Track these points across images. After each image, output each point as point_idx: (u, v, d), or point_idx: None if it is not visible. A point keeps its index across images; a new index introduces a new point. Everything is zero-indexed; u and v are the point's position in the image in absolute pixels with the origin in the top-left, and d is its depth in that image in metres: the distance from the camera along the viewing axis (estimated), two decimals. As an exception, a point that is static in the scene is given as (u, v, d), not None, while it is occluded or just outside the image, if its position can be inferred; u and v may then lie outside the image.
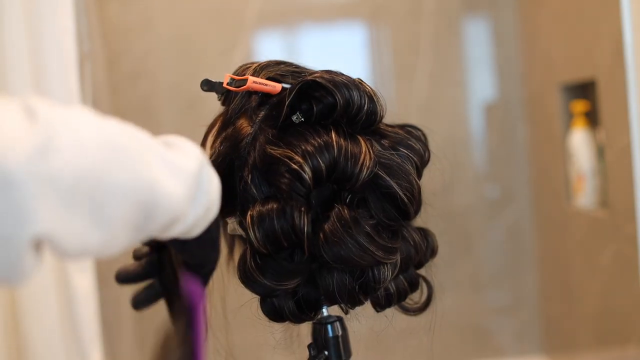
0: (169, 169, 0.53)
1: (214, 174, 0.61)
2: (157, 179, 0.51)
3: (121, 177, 0.48)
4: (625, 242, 1.52)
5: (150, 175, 0.50)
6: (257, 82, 0.75)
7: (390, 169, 0.75)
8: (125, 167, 0.48)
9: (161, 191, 0.51)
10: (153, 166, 0.51)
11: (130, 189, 0.48)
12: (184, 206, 0.54)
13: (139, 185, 0.49)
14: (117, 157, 0.48)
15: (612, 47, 1.51)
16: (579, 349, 1.91)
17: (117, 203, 0.48)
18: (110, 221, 0.47)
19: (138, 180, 0.49)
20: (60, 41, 1.48)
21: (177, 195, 0.53)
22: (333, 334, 0.80)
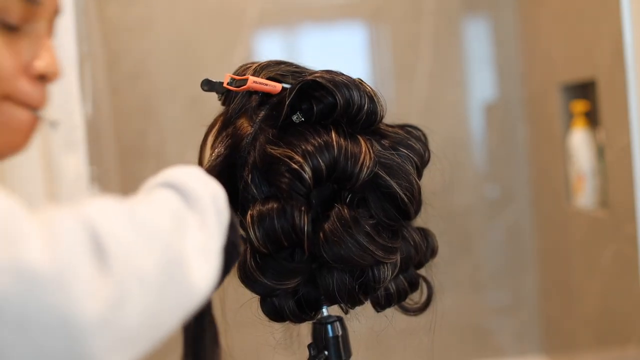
0: (204, 256, 0.51)
1: (220, 191, 0.59)
2: (194, 277, 0.49)
3: (173, 296, 0.47)
4: (625, 242, 1.52)
5: (191, 275, 0.49)
6: (257, 82, 0.75)
7: (391, 169, 0.75)
8: (178, 283, 0.47)
9: (199, 286, 0.50)
10: (193, 264, 0.49)
11: (180, 302, 0.48)
12: None
13: (186, 294, 0.49)
14: (171, 278, 0.47)
15: (612, 47, 1.51)
16: (579, 349, 1.91)
17: (171, 319, 0.48)
18: (165, 333, 0.48)
19: (185, 290, 0.48)
20: (60, 41, 1.48)
21: (212, 274, 0.52)
22: (333, 333, 0.80)
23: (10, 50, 0.54)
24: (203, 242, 0.52)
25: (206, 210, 0.54)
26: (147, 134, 2.16)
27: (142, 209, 0.49)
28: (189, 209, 0.53)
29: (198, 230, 0.52)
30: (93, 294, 0.42)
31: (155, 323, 0.46)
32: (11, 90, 0.55)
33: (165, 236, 0.48)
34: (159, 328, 0.47)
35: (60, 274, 0.41)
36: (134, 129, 2.16)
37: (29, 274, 0.40)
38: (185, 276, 0.48)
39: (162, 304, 0.46)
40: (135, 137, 2.17)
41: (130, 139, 2.16)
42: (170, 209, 0.51)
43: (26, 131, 0.57)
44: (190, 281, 0.48)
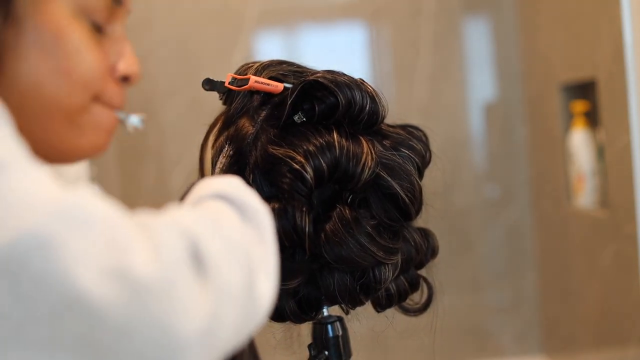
0: (266, 272, 0.51)
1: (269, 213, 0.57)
2: (261, 296, 0.49)
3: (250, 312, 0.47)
4: (625, 242, 1.52)
5: (259, 295, 0.49)
6: (259, 81, 0.75)
7: (392, 170, 0.75)
8: (252, 301, 0.48)
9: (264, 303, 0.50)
10: (260, 280, 0.49)
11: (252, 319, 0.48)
12: None
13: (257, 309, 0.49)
14: (249, 297, 0.47)
15: (612, 47, 1.51)
16: (579, 349, 1.91)
17: (245, 334, 0.48)
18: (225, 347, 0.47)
19: (257, 306, 0.48)
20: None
21: (272, 291, 0.52)
22: (333, 334, 0.80)
23: (100, 51, 0.54)
24: (263, 258, 0.51)
25: (263, 226, 0.53)
26: (147, 135, 2.16)
27: (225, 221, 0.49)
28: (246, 224, 0.52)
29: (257, 246, 0.51)
30: (195, 307, 0.42)
31: (238, 337, 0.46)
32: (101, 92, 0.55)
33: (245, 249, 0.48)
34: (236, 343, 0.47)
35: (166, 285, 0.41)
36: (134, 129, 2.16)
37: (136, 283, 0.40)
38: (256, 291, 0.48)
39: (244, 318, 0.46)
40: (135, 138, 2.16)
41: (130, 139, 2.16)
42: (234, 221, 0.51)
43: (111, 132, 0.57)
44: (258, 296, 0.48)
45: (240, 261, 0.47)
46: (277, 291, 0.75)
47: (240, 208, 0.53)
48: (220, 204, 0.53)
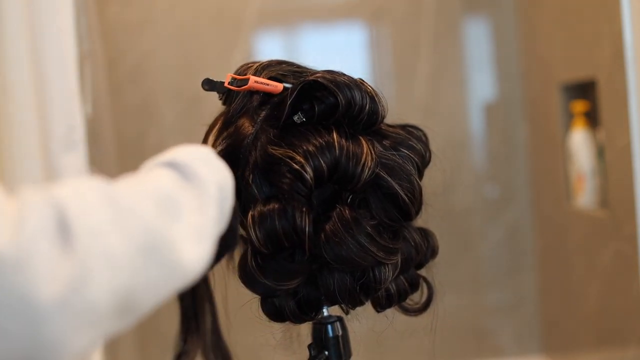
0: (199, 238, 0.52)
1: (227, 178, 0.60)
2: (185, 258, 0.49)
3: (153, 275, 0.47)
4: (625, 242, 1.52)
5: (179, 257, 0.49)
6: (258, 81, 0.75)
7: (392, 170, 0.75)
8: (159, 264, 0.47)
9: (189, 267, 0.50)
10: (180, 244, 0.49)
11: (161, 282, 0.48)
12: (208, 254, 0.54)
13: (170, 274, 0.48)
14: (151, 260, 0.47)
15: (612, 47, 1.51)
16: (579, 349, 1.91)
17: (150, 297, 0.48)
18: (141, 311, 0.48)
19: (169, 271, 0.48)
20: (60, 41, 1.47)
21: (205, 255, 0.52)
22: (333, 334, 0.80)
23: None
24: (199, 224, 0.52)
25: (207, 195, 0.55)
26: (147, 134, 2.16)
27: (125, 189, 0.49)
28: (188, 191, 0.53)
29: (195, 213, 0.52)
30: (52, 275, 0.41)
31: (131, 302, 0.46)
32: None
33: (146, 217, 0.48)
34: (137, 306, 0.47)
35: (21, 255, 0.41)
36: (134, 129, 2.16)
37: None
38: (170, 257, 0.48)
39: (139, 284, 0.46)
40: (135, 137, 2.16)
41: (130, 139, 2.16)
42: (161, 190, 0.51)
43: None
44: (177, 262, 0.49)
45: (132, 228, 0.46)
46: (278, 291, 0.76)
47: (186, 176, 0.54)
48: (163, 171, 0.54)
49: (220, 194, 0.57)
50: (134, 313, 0.47)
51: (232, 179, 0.62)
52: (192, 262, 0.50)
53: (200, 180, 0.55)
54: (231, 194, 0.61)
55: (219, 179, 0.58)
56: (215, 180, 0.57)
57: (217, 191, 0.56)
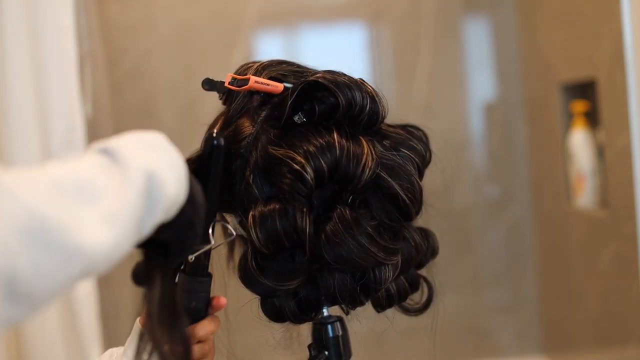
0: (110, 222, 0.50)
1: (167, 172, 0.57)
2: (87, 242, 0.48)
3: (39, 258, 0.46)
4: (625, 242, 1.52)
5: (77, 240, 0.47)
6: (259, 81, 0.75)
7: (392, 170, 0.75)
8: (42, 246, 0.46)
9: (92, 251, 0.48)
10: (82, 227, 0.48)
11: (55, 266, 0.46)
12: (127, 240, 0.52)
13: (64, 258, 0.47)
14: (29, 239, 0.45)
15: (612, 47, 1.51)
16: (579, 349, 1.91)
17: (44, 282, 0.46)
18: (39, 296, 0.46)
19: (61, 254, 0.47)
20: (60, 40, 1.48)
21: (116, 240, 0.50)
22: (333, 334, 0.80)
23: None
24: (113, 209, 0.51)
25: (128, 180, 0.53)
26: (147, 134, 2.16)
27: (18, 174, 0.48)
28: (112, 176, 0.52)
29: (112, 198, 0.51)
30: None
31: (18, 286, 0.45)
32: None
33: (30, 199, 0.46)
34: (30, 291, 0.45)
35: None
36: (134, 128, 2.15)
37: None
38: (62, 240, 0.47)
39: (22, 267, 0.45)
40: (135, 137, 2.16)
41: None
42: (73, 174, 0.50)
43: None
44: (73, 245, 0.47)
45: (11, 210, 0.45)
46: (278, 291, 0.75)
47: (116, 162, 0.53)
48: (90, 157, 0.53)
49: (148, 179, 0.54)
50: (29, 298, 0.46)
51: (180, 166, 0.60)
52: (97, 245, 0.48)
53: (125, 165, 0.54)
54: (171, 181, 0.57)
55: (149, 164, 0.55)
56: (142, 166, 0.55)
57: (141, 176, 0.54)
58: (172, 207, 0.59)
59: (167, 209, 0.57)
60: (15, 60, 1.45)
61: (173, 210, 0.59)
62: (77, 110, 1.49)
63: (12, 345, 1.52)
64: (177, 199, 0.59)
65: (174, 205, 0.59)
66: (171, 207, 0.58)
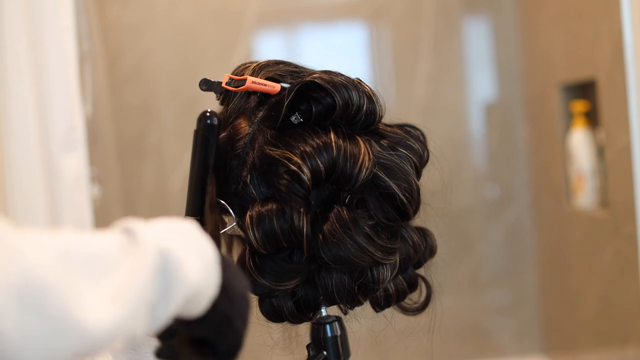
0: (116, 300, 0.47)
1: (188, 256, 0.52)
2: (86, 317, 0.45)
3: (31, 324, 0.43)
4: (625, 242, 1.52)
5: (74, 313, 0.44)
6: (256, 82, 0.75)
7: (390, 170, 0.75)
8: (36, 312, 0.43)
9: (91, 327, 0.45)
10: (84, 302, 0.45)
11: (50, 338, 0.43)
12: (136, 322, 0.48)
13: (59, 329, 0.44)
14: (23, 303, 0.43)
15: (612, 47, 1.51)
16: (579, 349, 1.91)
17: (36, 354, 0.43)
18: None
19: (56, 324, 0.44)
20: (60, 41, 1.48)
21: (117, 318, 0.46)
22: (332, 334, 0.80)
23: None
24: (120, 288, 0.47)
25: (142, 260, 0.49)
26: (147, 134, 2.16)
27: (29, 237, 0.45)
28: (126, 257, 0.49)
29: (121, 277, 0.47)
30: None
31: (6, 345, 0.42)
32: None
33: (35, 263, 0.44)
34: (20, 354, 0.42)
35: None
36: (134, 128, 2.16)
37: None
38: (58, 309, 0.44)
39: (12, 330, 0.42)
40: (135, 137, 2.17)
41: (129, 139, 2.16)
42: (87, 248, 0.47)
43: None
44: (69, 317, 0.44)
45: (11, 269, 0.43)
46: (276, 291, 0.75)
47: (136, 241, 0.50)
48: (110, 234, 0.50)
49: (163, 260, 0.50)
50: None
51: (208, 254, 0.54)
52: (95, 322, 0.45)
53: (143, 246, 0.49)
54: (194, 266, 0.52)
55: (167, 245, 0.51)
56: (159, 247, 0.50)
57: (156, 256, 0.50)
58: (199, 298, 0.53)
59: (188, 297, 0.52)
60: (15, 60, 1.45)
61: (202, 302, 0.54)
62: (77, 110, 1.49)
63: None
64: (204, 288, 0.53)
65: (201, 296, 0.53)
66: (196, 296, 0.53)
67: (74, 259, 0.46)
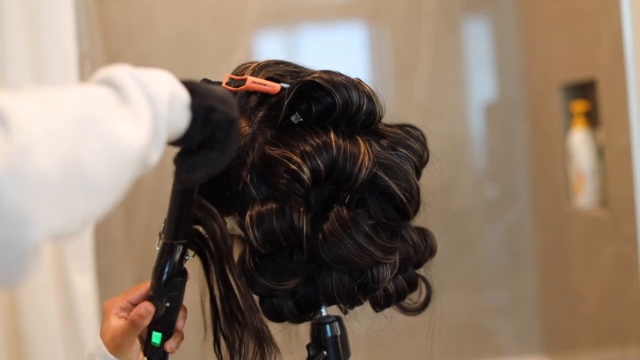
0: (133, 122, 0.54)
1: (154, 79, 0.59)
2: (124, 133, 0.52)
3: (96, 145, 0.49)
4: (625, 242, 1.52)
5: (117, 129, 0.51)
6: (256, 82, 0.75)
7: (389, 169, 0.75)
8: (97, 134, 0.50)
9: (130, 141, 0.52)
10: (116, 122, 0.52)
11: (107, 153, 0.50)
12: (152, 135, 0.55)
13: (113, 144, 0.50)
14: (88, 130, 0.49)
15: (612, 47, 1.51)
16: (579, 349, 1.91)
17: (102, 169, 0.49)
18: (102, 187, 0.50)
19: (110, 140, 0.50)
20: (60, 41, 1.48)
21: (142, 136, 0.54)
22: (332, 333, 0.80)
23: None
24: (131, 115, 0.54)
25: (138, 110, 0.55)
26: (147, 134, 2.16)
27: (56, 89, 0.51)
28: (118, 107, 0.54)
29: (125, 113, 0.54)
30: None
31: (84, 175, 0.48)
32: None
33: (77, 102, 0.50)
34: (95, 181, 0.49)
35: None
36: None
37: None
38: (107, 128, 0.51)
39: (84, 155, 0.48)
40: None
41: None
42: (92, 92, 0.53)
43: None
44: (116, 134, 0.51)
45: (66, 107, 0.49)
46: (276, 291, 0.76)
47: (119, 91, 0.55)
48: (95, 88, 0.55)
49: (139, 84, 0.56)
50: (97, 190, 0.49)
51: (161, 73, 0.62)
52: (131, 137, 0.52)
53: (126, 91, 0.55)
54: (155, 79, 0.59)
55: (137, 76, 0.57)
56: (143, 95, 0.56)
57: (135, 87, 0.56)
58: (176, 104, 0.59)
59: (169, 104, 0.58)
60: (15, 60, 1.45)
61: (181, 110, 0.60)
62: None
63: (12, 345, 1.52)
64: (177, 93, 0.60)
65: (177, 101, 0.60)
66: (173, 102, 0.59)
67: (97, 97, 0.53)
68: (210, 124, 0.61)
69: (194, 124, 0.61)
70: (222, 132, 0.62)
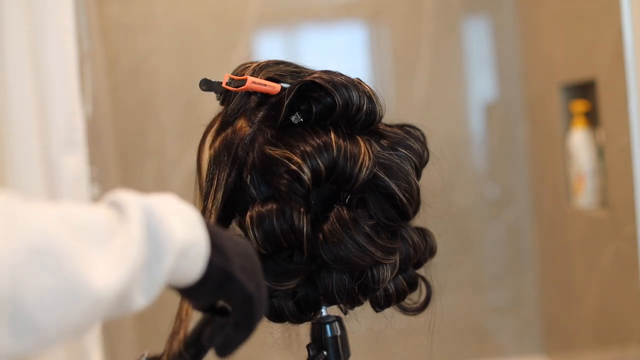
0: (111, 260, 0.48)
1: (171, 219, 0.52)
2: (92, 277, 0.46)
3: (46, 282, 0.44)
4: (625, 242, 1.52)
5: (83, 272, 0.45)
6: (256, 82, 0.75)
7: (389, 169, 0.75)
8: (52, 271, 0.44)
9: (98, 287, 0.46)
10: (89, 263, 0.46)
11: (58, 292, 0.44)
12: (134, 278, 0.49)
13: (68, 285, 0.45)
14: (42, 264, 0.44)
15: (612, 47, 1.51)
16: (579, 349, 1.91)
17: (45, 308, 0.44)
18: (38, 326, 0.44)
19: (67, 280, 0.45)
20: (60, 40, 1.47)
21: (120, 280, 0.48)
22: (332, 334, 0.80)
23: None
24: (121, 251, 0.48)
25: (128, 224, 0.50)
26: (147, 133, 2.16)
27: (35, 206, 0.46)
28: (116, 224, 0.50)
29: (121, 243, 0.49)
30: None
31: (22, 313, 0.43)
32: None
33: (45, 227, 0.45)
34: (35, 321, 0.43)
35: None
36: (134, 128, 2.16)
37: None
38: (69, 268, 0.45)
39: (27, 290, 0.43)
40: (135, 137, 2.17)
41: (130, 138, 2.16)
42: (84, 217, 0.48)
43: None
44: (79, 276, 0.45)
45: (24, 231, 0.44)
46: (276, 292, 0.76)
47: (121, 222, 0.50)
48: (100, 207, 0.51)
49: (146, 216, 0.51)
50: (34, 328, 0.43)
51: (186, 211, 0.55)
52: (104, 282, 0.46)
53: (128, 214, 0.51)
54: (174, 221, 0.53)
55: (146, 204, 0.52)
56: (140, 205, 0.51)
57: (141, 219, 0.51)
58: (190, 254, 0.53)
59: (179, 252, 0.52)
60: (15, 60, 1.45)
61: (195, 260, 0.54)
62: (77, 110, 1.49)
63: None
64: (193, 243, 0.54)
65: (192, 252, 0.54)
66: (186, 251, 0.53)
67: (78, 226, 0.47)
68: (223, 293, 0.57)
69: (204, 283, 0.55)
70: (234, 307, 0.58)
